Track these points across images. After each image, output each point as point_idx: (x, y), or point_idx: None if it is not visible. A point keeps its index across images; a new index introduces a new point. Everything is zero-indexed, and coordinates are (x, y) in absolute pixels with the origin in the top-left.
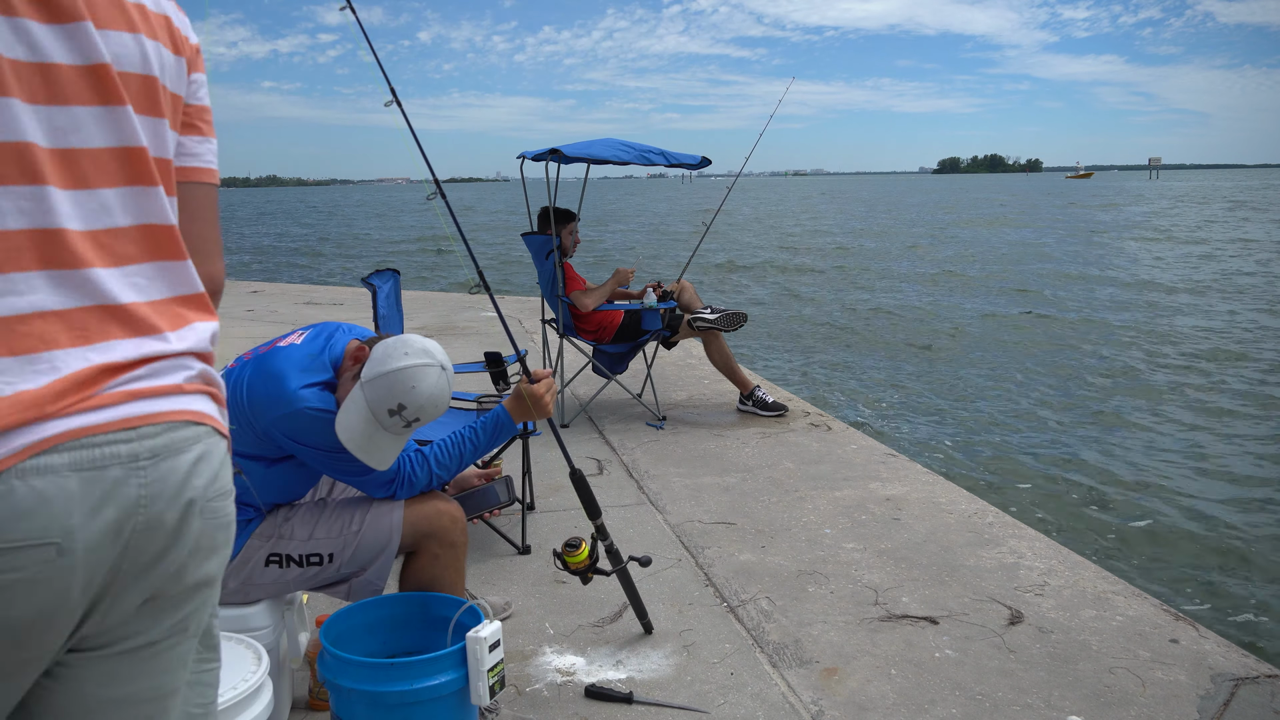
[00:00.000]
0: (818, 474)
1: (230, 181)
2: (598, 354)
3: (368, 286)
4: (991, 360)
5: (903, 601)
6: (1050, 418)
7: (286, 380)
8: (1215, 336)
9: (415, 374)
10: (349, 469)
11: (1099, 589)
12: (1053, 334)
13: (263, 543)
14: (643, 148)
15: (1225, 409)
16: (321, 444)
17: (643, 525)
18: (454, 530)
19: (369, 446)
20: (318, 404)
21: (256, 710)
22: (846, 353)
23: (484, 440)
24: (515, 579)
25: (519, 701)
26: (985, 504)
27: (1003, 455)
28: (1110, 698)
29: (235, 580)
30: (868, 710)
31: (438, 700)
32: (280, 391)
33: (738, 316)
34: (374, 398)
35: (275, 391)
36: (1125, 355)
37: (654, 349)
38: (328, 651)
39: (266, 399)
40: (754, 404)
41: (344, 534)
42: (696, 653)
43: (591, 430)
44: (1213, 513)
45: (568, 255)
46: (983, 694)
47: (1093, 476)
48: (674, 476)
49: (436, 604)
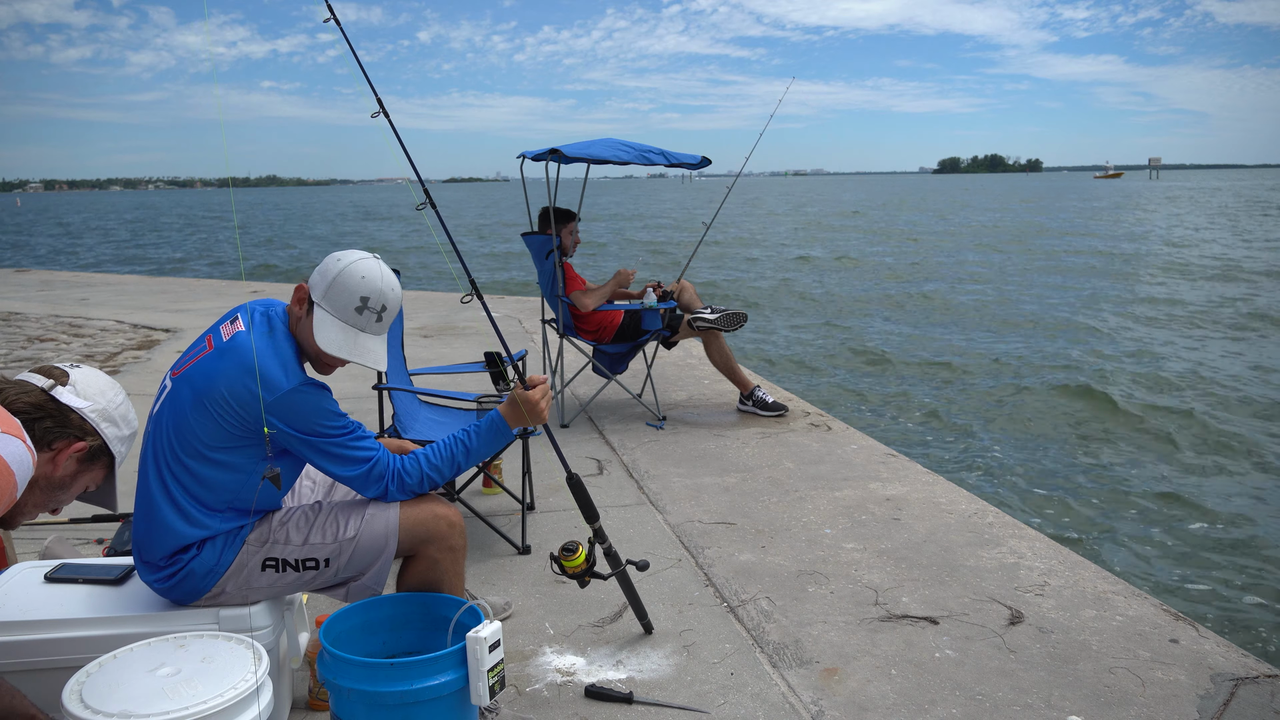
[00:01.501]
0: (818, 474)
1: (231, 182)
2: (598, 354)
3: None
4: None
5: (903, 601)
6: (1049, 417)
7: (264, 367)
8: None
9: (358, 267)
10: (336, 455)
11: (1099, 589)
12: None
13: (258, 548)
14: (643, 148)
15: (1225, 409)
16: (310, 426)
17: (643, 525)
18: (452, 535)
19: (358, 350)
20: (299, 380)
21: (256, 710)
22: None
23: (478, 444)
24: (515, 579)
25: (519, 701)
26: (985, 504)
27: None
28: (1110, 698)
29: (233, 584)
30: (868, 710)
31: (438, 700)
32: (263, 381)
33: (738, 316)
34: (336, 306)
35: (262, 381)
36: (1128, 354)
37: (654, 349)
38: (327, 651)
39: (250, 393)
40: (754, 404)
41: (340, 539)
42: (696, 653)
43: (591, 430)
44: (1213, 513)
45: (568, 255)
46: (983, 694)
47: (1093, 477)
48: (674, 476)
49: (436, 604)
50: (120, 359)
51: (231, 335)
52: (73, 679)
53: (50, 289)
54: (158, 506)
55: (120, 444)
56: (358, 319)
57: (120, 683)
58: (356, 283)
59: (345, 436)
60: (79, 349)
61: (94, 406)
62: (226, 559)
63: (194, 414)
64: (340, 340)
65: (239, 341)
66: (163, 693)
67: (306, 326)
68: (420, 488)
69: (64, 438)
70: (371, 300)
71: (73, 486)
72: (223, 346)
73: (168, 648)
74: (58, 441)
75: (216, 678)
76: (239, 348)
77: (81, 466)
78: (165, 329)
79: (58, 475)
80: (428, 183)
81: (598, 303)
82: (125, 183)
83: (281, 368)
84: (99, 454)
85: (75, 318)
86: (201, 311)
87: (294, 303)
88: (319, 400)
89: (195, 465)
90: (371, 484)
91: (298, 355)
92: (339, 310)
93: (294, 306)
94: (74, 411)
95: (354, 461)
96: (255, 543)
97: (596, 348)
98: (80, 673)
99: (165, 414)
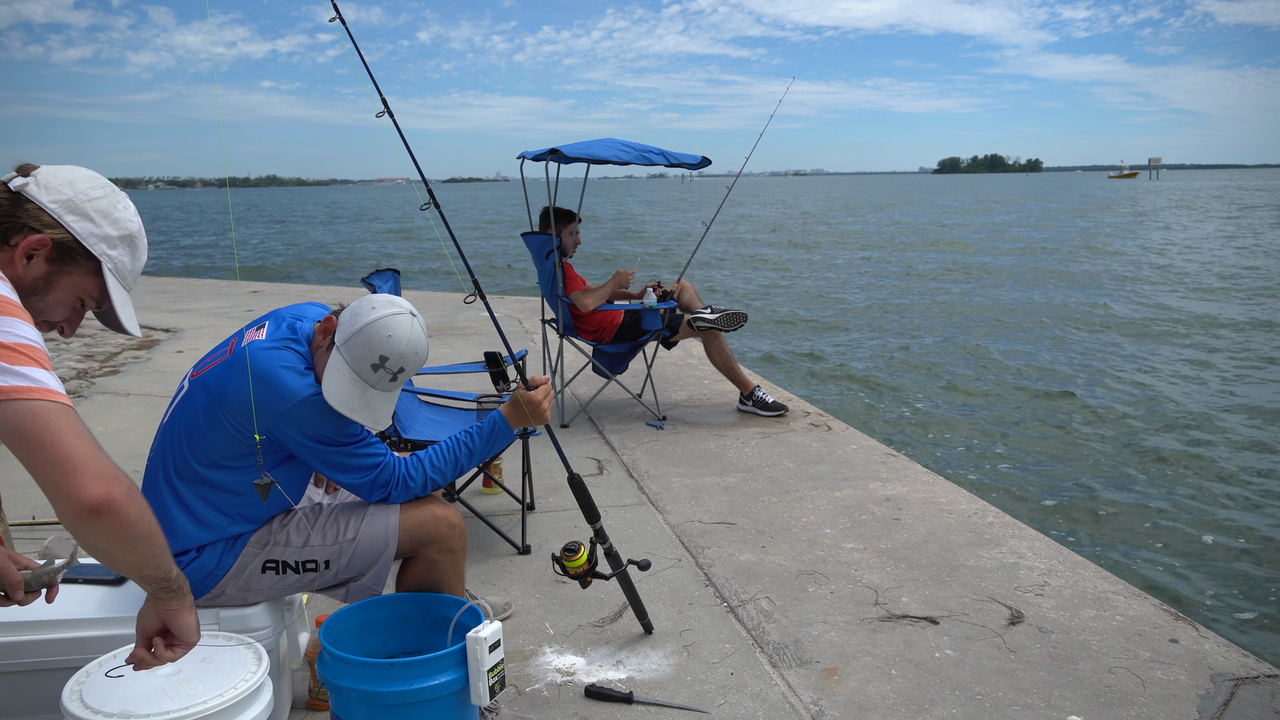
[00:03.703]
0: (818, 474)
1: (230, 181)
2: (598, 354)
3: (368, 286)
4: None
5: (903, 601)
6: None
7: (278, 375)
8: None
9: (387, 324)
10: (345, 464)
11: (1099, 589)
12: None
13: (258, 550)
14: (643, 148)
15: (1225, 408)
16: (322, 434)
17: (643, 525)
18: (452, 536)
19: (363, 407)
20: (313, 389)
21: (256, 710)
22: None
23: (480, 445)
24: (515, 579)
25: (519, 701)
26: (985, 504)
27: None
28: (1110, 698)
29: (234, 586)
30: (868, 710)
31: (438, 700)
32: (276, 388)
33: (738, 316)
34: (353, 357)
35: (271, 390)
36: (1127, 354)
37: (654, 349)
38: (327, 651)
39: (263, 399)
40: (754, 404)
41: (339, 541)
42: (696, 653)
43: (591, 430)
44: (1213, 513)
45: (568, 255)
46: (983, 694)
47: (1094, 478)
48: (674, 476)
49: (436, 604)
50: (120, 359)
51: (250, 343)
52: (73, 679)
53: None
54: (166, 509)
55: (102, 244)
56: (371, 375)
57: (120, 683)
58: (381, 341)
59: (355, 445)
60: (79, 349)
61: (55, 198)
62: (227, 562)
63: (207, 422)
64: (347, 395)
65: (253, 349)
66: (163, 693)
67: (322, 360)
68: (423, 490)
69: (16, 231)
70: (390, 362)
71: (50, 292)
72: (239, 352)
73: None
74: (13, 236)
75: (216, 678)
76: (253, 355)
77: (54, 268)
78: (165, 329)
79: (26, 279)
80: (428, 183)
81: (598, 303)
82: (125, 183)
83: (297, 376)
84: (70, 253)
85: None
86: (202, 311)
87: (319, 331)
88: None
89: (208, 472)
90: (376, 489)
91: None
92: (355, 361)
93: (318, 335)
94: (30, 202)
95: (361, 470)
96: (255, 545)
97: (596, 348)
98: (80, 673)
99: (180, 417)
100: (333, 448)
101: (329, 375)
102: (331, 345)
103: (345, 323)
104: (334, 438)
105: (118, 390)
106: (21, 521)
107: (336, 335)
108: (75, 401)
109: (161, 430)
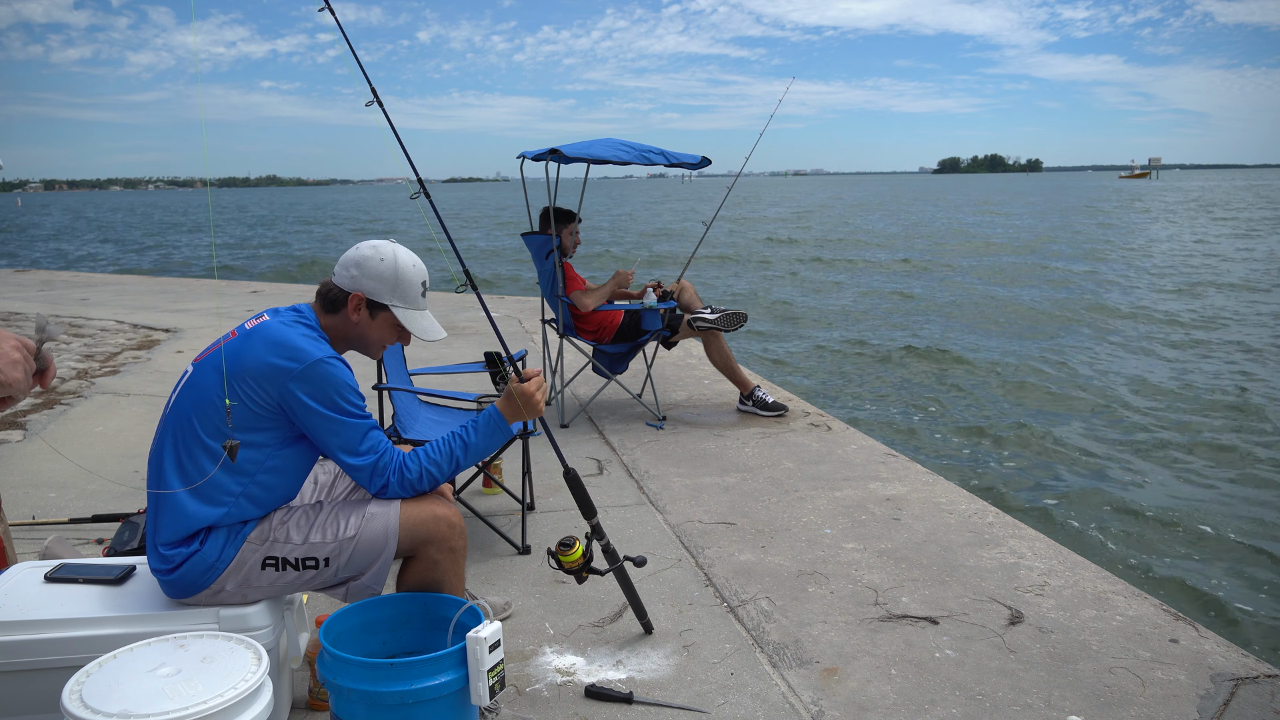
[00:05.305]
0: (818, 474)
1: (230, 181)
2: (598, 354)
3: None
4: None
5: (903, 601)
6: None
7: (294, 340)
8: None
9: (405, 257)
10: (350, 441)
11: (1099, 589)
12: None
13: (258, 545)
14: (643, 148)
15: (1225, 408)
16: (333, 401)
17: (643, 525)
18: (452, 536)
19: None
20: (328, 353)
21: (256, 710)
22: None
23: (476, 439)
24: (515, 579)
25: (519, 701)
26: (985, 504)
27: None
28: (1110, 698)
29: (233, 582)
30: (868, 710)
31: (438, 700)
32: (293, 350)
33: (737, 316)
34: (408, 299)
35: (287, 354)
36: (1128, 354)
37: (654, 349)
38: (327, 651)
39: (278, 364)
40: (754, 404)
41: (340, 539)
42: (696, 653)
43: (591, 430)
44: (1214, 513)
45: (568, 255)
46: (983, 694)
47: (1094, 477)
48: (674, 476)
49: (436, 604)
50: (120, 359)
51: (258, 324)
52: (73, 679)
53: (50, 289)
54: (171, 487)
55: None
56: (420, 301)
57: (120, 683)
58: (412, 271)
59: (361, 420)
60: (79, 349)
61: None
62: (228, 555)
63: (218, 395)
64: (428, 324)
65: (264, 323)
66: (163, 693)
67: (367, 326)
68: (420, 484)
69: None
70: (426, 281)
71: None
72: (248, 330)
73: (168, 648)
74: None
75: (216, 678)
76: (265, 327)
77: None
78: (165, 329)
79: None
80: (428, 183)
81: (598, 303)
82: (125, 182)
83: (311, 341)
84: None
85: (75, 318)
86: (201, 311)
87: (352, 310)
88: (344, 374)
89: (217, 445)
90: (376, 475)
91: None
92: (412, 301)
93: (351, 313)
94: None
95: (364, 452)
96: (256, 541)
97: (596, 348)
98: (80, 673)
99: (186, 397)
100: (340, 416)
101: (409, 325)
102: (379, 308)
103: (375, 285)
104: (342, 405)
105: (118, 390)
106: (21, 522)
107: (379, 298)
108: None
109: (166, 414)
